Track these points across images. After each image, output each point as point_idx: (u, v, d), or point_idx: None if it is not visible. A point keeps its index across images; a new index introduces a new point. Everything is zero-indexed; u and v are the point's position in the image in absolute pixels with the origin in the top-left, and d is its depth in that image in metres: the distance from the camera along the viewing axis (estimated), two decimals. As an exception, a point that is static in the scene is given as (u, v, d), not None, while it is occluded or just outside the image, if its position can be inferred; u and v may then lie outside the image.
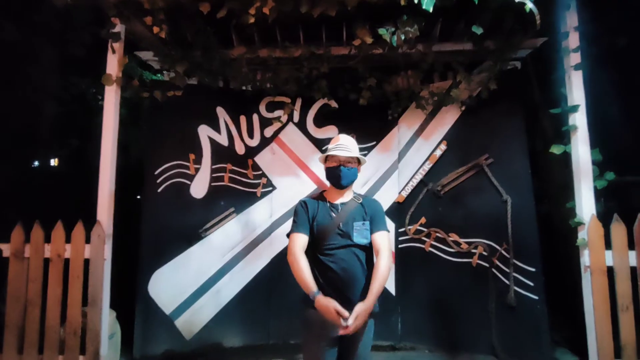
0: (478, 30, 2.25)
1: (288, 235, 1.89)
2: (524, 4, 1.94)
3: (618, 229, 2.34)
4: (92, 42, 3.21)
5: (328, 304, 1.59)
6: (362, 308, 1.60)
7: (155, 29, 2.24)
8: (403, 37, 2.22)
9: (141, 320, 3.11)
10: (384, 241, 1.78)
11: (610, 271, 2.34)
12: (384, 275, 1.69)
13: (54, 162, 3.47)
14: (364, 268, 1.79)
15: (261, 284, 3.27)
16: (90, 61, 3.02)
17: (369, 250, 1.82)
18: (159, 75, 3.51)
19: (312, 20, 2.34)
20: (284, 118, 3.37)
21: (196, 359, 3.08)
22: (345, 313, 1.57)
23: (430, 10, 2.03)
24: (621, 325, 2.30)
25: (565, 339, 3.05)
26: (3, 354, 2.50)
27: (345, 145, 1.89)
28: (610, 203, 2.61)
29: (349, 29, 2.80)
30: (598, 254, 2.35)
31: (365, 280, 1.76)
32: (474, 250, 3.12)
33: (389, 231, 1.86)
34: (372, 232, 1.82)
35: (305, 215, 1.85)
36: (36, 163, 3.26)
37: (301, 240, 1.81)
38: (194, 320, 3.20)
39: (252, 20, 2.20)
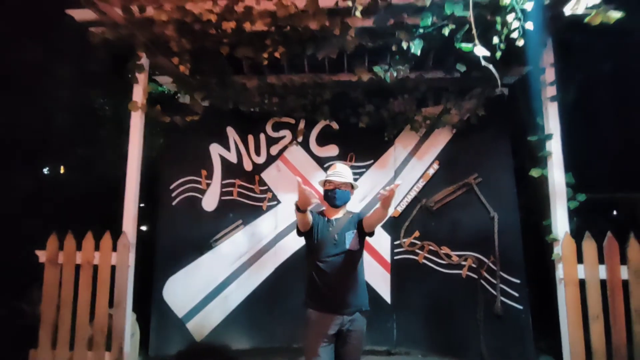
0: (462, 67, 2.61)
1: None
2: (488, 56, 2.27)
3: (589, 246, 2.68)
4: (112, 64, 3.64)
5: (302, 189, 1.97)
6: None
7: (181, 68, 2.65)
8: (395, 74, 2.61)
9: (156, 322, 3.52)
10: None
11: (582, 283, 2.68)
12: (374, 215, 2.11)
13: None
14: (356, 271, 2.15)
15: (266, 291, 3.65)
16: (114, 86, 3.45)
17: (358, 255, 2.18)
18: (164, 87, 3.88)
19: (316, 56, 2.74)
20: (289, 139, 3.76)
21: (206, 359, 3.45)
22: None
23: (418, 53, 2.41)
24: (592, 332, 2.62)
25: (549, 346, 3.36)
26: (38, 349, 2.90)
27: (340, 172, 2.27)
28: (588, 218, 2.93)
29: (349, 60, 3.19)
30: (571, 267, 2.68)
31: (356, 282, 2.12)
32: (463, 263, 3.47)
33: None
34: (362, 220, 2.19)
35: (316, 216, 2.28)
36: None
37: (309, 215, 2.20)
38: (204, 324, 3.58)
39: (265, 62, 2.62)
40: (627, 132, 3.02)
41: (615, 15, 1.54)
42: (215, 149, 3.80)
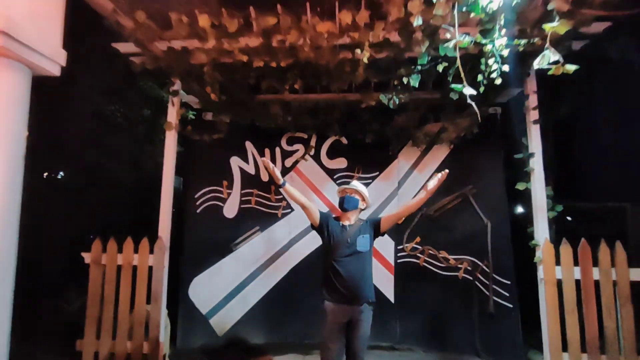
0: (454, 96, 3.14)
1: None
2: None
3: (565, 250, 3.20)
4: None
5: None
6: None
7: (212, 96, 3.22)
8: (397, 101, 3.16)
9: (183, 317, 4.07)
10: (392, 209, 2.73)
11: (559, 283, 3.20)
12: (412, 203, 2.75)
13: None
14: (365, 269, 2.68)
15: (281, 291, 4.19)
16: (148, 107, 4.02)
17: (368, 255, 2.72)
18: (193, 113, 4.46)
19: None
20: (302, 152, 4.31)
21: (226, 352, 3.99)
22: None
23: (417, 86, 2.96)
24: (567, 325, 3.14)
25: (537, 341, 3.87)
26: (84, 340, 3.45)
27: (352, 183, 2.83)
28: (569, 225, 3.45)
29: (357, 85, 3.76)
30: (550, 269, 3.21)
31: (365, 277, 2.65)
32: (460, 266, 4.00)
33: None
34: (380, 221, 2.75)
35: (325, 215, 2.84)
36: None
37: (313, 206, 2.80)
38: (225, 320, 4.13)
39: (286, 93, 3.18)
40: (605, 149, 3.55)
41: (572, 67, 2.07)
42: (235, 162, 4.36)
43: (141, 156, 4.17)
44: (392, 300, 4.14)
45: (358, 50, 2.63)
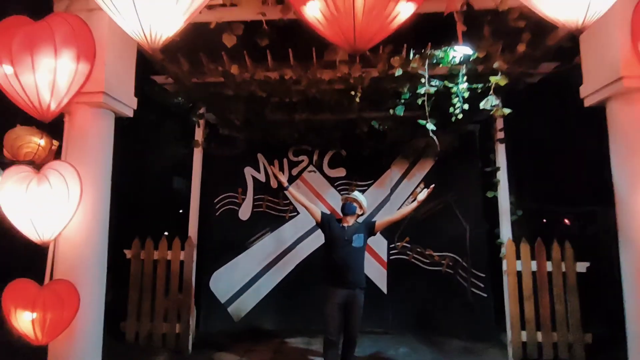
0: (432, 124, 4.07)
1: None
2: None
3: (524, 247, 4.16)
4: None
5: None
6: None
7: (237, 122, 4.18)
8: (386, 127, 4.13)
9: (204, 306, 5.04)
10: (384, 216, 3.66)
11: (519, 274, 4.17)
12: (404, 211, 3.67)
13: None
14: (358, 261, 3.62)
15: (288, 283, 5.16)
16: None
17: (362, 250, 3.64)
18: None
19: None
20: (306, 163, 5.29)
21: (242, 336, 4.95)
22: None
23: (402, 114, 3.91)
24: (525, 308, 4.11)
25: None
26: (127, 321, 4.43)
27: (354, 194, 3.79)
28: (526, 226, 4.42)
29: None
30: (512, 263, 4.16)
31: (358, 268, 3.60)
32: (443, 261, 4.98)
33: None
34: (374, 225, 3.67)
35: (327, 216, 3.76)
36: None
37: (317, 209, 3.74)
38: (240, 308, 5.11)
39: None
40: (560, 164, 4.52)
41: (507, 111, 3.01)
42: (249, 171, 5.34)
43: (170, 168, 5.15)
44: (385, 291, 5.11)
45: (352, 92, 3.60)
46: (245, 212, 5.27)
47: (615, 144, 2.62)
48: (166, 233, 4.57)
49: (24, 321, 2.50)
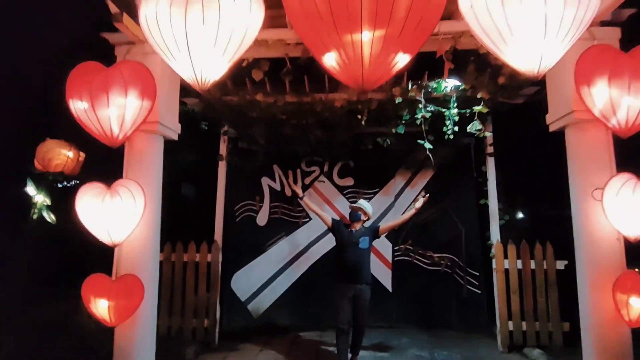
0: (429, 143, 4.84)
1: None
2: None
3: (511, 248, 4.92)
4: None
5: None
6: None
7: (262, 141, 4.98)
8: (389, 142, 4.92)
9: (227, 303, 5.80)
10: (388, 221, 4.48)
11: (507, 271, 4.93)
12: (404, 217, 4.41)
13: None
14: (364, 260, 4.37)
15: (302, 283, 5.92)
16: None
17: (367, 251, 4.39)
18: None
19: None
20: (318, 173, 6.09)
21: (261, 330, 5.72)
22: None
23: (402, 132, 4.70)
24: (512, 301, 4.86)
25: (500, 319, 5.61)
26: (159, 317, 5.20)
27: (359, 202, 4.56)
28: (515, 229, 5.20)
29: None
30: (500, 261, 4.92)
31: (365, 266, 4.36)
32: (442, 262, 5.74)
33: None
34: (378, 229, 4.43)
35: (337, 221, 4.53)
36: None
37: (328, 216, 4.50)
38: (259, 306, 5.88)
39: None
40: (542, 174, 5.31)
41: (488, 134, 3.77)
42: (265, 181, 6.12)
43: (194, 179, 5.95)
44: (390, 289, 5.87)
45: (359, 116, 4.42)
46: (262, 218, 6.05)
47: (571, 163, 3.37)
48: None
49: (101, 307, 3.27)
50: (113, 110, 3.25)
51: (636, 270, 3.25)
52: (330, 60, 2.45)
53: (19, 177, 5.74)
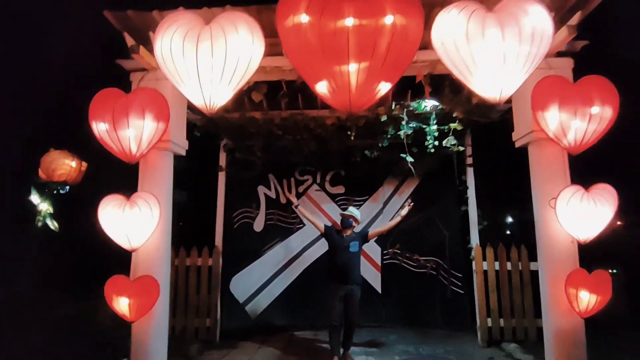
0: (411, 157, 5.46)
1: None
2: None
3: (489, 251, 5.54)
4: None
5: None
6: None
7: (258, 153, 5.57)
8: (375, 154, 5.54)
9: (225, 305, 6.35)
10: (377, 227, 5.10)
11: (486, 272, 5.56)
12: (391, 224, 5.01)
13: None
14: (354, 262, 4.95)
15: (297, 285, 6.47)
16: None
17: (357, 254, 4.96)
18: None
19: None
20: (311, 181, 6.69)
21: (259, 330, 6.27)
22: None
23: (387, 144, 5.31)
24: (490, 300, 5.50)
25: (481, 317, 6.24)
26: (165, 317, 5.75)
27: (349, 210, 5.15)
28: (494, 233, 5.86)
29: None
30: (479, 263, 5.55)
31: (355, 268, 4.95)
32: (428, 264, 6.36)
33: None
34: (367, 234, 5.02)
35: (330, 227, 5.09)
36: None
37: (320, 222, 5.08)
38: (256, 307, 6.43)
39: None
40: (518, 182, 5.99)
41: (462, 148, 4.40)
42: (261, 189, 6.69)
43: (198, 188, 6.55)
44: (379, 291, 6.45)
45: (349, 132, 5.05)
46: (259, 225, 6.62)
47: (533, 175, 4.00)
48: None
49: (122, 305, 3.82)
50: (132, 131, 3.79)
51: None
52: (322, 88, 2.93)
53: (24, 186, 6.29)
